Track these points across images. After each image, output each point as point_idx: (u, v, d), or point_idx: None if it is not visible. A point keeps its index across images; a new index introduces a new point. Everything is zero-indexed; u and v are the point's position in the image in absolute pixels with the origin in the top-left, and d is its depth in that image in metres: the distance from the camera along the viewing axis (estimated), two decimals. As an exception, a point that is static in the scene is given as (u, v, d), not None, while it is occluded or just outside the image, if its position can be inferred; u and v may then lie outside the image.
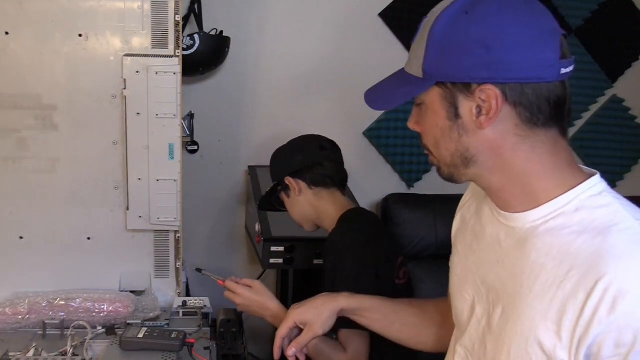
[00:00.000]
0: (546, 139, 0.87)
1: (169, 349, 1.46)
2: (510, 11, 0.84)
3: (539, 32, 0.84)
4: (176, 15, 1.65)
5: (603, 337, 0.78)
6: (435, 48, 0.86)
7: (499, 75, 0.83)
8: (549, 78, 0.84)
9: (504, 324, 0.91)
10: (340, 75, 2.42)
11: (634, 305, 0.76)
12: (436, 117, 0.90)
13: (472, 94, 0.86)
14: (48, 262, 1.73)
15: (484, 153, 0.89)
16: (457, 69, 0.85)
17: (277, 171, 1.68)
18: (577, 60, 0.88)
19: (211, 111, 2.37)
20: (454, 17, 0.85)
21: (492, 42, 0.82)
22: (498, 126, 0.86)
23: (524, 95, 0.84)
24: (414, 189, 2.57)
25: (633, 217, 0.84)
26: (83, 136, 1.68)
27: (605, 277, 0.78)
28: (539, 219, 0.88)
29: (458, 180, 0.95)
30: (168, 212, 1.72)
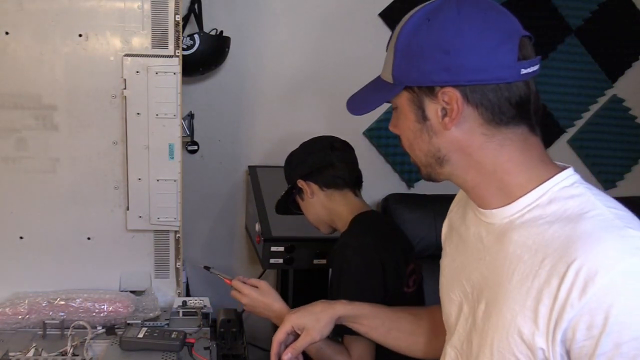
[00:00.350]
0: (514, 136, 0.91)
1: (169, 349, 1.46)
2: (469, 16, 0.88)
3: (496, 36, 0.88)
4: (176, 15, 1.65)
5: (576, 321, 0.80)
6: (402, 54, 0.92)
7: (460, 78, 0.88)
8: (509, 79, 0.88)
9: (487, 317, 0.93)
10: (340, 75, 2.42)
11: (604, 288, 0.78)
12: (407, 121, 0.96)
13: (435, 97, 0.90)
14: (48, 262, 1.73)
15: (454, 152, 0.93)
16: (421, 73, 0.90)
17: (290, 174, 1.66)
18: (577, 60, 0.90)
19: (211, 111, 2.37)
20: (417, 24, 0.91)
21: (451, 47, 0.87)
22: (463, 126, 0.91)
23: (485, 97, 0.88)
24: (414, 189, 2.57)
25: (604, 205, 0.86)
26: (83, 136, 1.68)
27: (576, 261, 0.80)
28: (515, 213, 0.92)
29: (436, 179, 0.99)
30: (168, 212, 1.72)
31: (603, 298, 0.78)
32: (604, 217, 0.84)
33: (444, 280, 1.11)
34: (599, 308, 0.78)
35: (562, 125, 2.65)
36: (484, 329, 0.93)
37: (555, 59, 2.57)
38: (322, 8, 2.39)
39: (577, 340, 0.80)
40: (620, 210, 0.86)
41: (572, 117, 2.66)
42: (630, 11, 2.61)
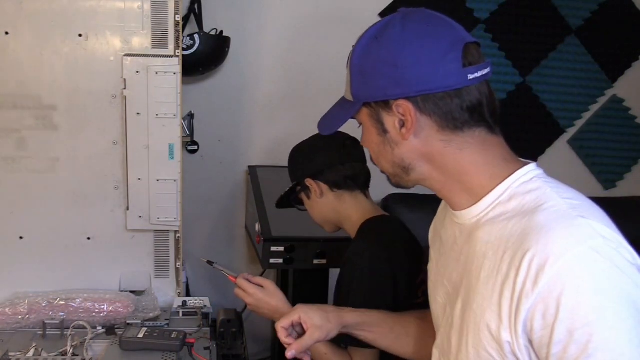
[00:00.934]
0: (472, 140, 0.95)
1: (169, 349, 1.46)
2: (412, 31, 0.93)
3: (439, 46, 0.92)
4: (176, 15, 1.65)
5: (533, 311, 0.82)
6: (356, 73, 0.98)
7: (410, 90, 0.92)
8: (456, 85, 0.92)
9: (462, 315, 0.96)
10: (340, 75, 2.39)
11: (554, 276, 0.80)
12: (370, 135, 1.00)
13: (391, 110, 0.95)
14: (48, 262, 1.73)
15: (417, 160, 0.97)
16: (375, 89, 0.95)
17: (297, 171, 1.57)
18: (577, 60, 0.91)
19: (211, 111, 2.37)
20: (367, 44, 0.97)
21: (398, 61, 0.92)
22: (421, 135, 0.95)
23: (436, 105, 0.92)
24: (414, 189, 2.57)
25: (559, 196, 0.88)
26: (83, 136, 1.68)
27: (528, 252, 0.83)
28: (480, 212, 0.95)
29: (405, 186, 1.04)
30: (168, 212, 1.72)
31: (554, 286, 0.80)
32: (557, 208, 0.86)
33: (430, 284, 1.14)
34: (551, 296, 0.80)
35: (562, 125, 2.65)
36: (461, 326, 0.96)
37: (555, 59, 2.57)
38: (322, 8, 2.39)
39: (535, 330, 0.82)
40: (576, 200, 0.89)
41: (572, 117, 2.66)
42: (630, 11, 2.61)
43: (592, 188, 2.64)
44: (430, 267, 1.15)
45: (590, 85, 2.65)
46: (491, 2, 2.49)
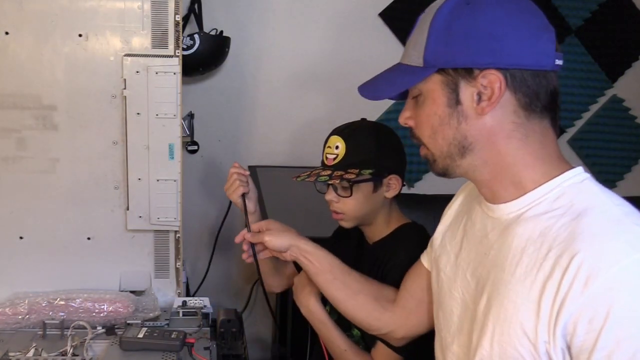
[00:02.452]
0: (538, 128, 0.91)
1: (169, 349, 1.46)
2: (509, 3, 0.89)
3: (536, 24, 0.89)
4: (176, 15, 1.65)
5: (578, 315, 0.80)
6: (438, 37, 0.90)
7: (502, 61, 0.87)
8: (547, 67, 0.89)
9: (487, 311, 0.93)
10: (340, 75, 2.42)
11: (607, 283, 0.78)
12: (435, 105, 0.93)
13: (474, 79, 0.89)
14: (48, 262, 1.73)
15: (480, 141, 0.92)
16: (460, 55, 0.89)
17: (384, 161, 1.46)
18: (577, 60, 0.91)
19: (211, 111, 2.37)
20: (455, 7, 0.89)
21: (495, 30, 0.87)
22: (497, 112, 0.90)
23: (524, 82, 0.88)
24: (414, 189, 2.57)
25: (611, 202, 0.87)
26: (83, 136, 1.68)
27: (578, 254, 0.81)
28: (522, 207, 0.92)
29: (452, 172, 0.97)
30: (168, 212, 1.72)
31: (606, 293, 0.78)
32: (610, 214, 0.84)
33: (444, 278, 1.10)
34: (602, 303, 0.78)
35: (562, 125, 2.65)
36: (484, 322, 0.93)
37: (555, 59, 2.58)
38: (322, 8, 2.39)
39: (577, 334, 0.80)
40: (627, 207, 0.87)
41: (572, 117, 2.66)
42: (630, 11, 2.61)
43: (592, 188, 2.64)
44: (444, 260, 1.11)
45: (590, 85, 2.65)
46: (491, 2, 2.49)
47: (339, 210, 1.48)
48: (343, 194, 1.46)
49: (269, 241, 1.34)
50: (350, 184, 1.43)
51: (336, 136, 1.48)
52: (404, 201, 2.50)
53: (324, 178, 1.43)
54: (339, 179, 1.42)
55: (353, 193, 1.44)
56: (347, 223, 1.50)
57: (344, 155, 1.44)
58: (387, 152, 1.48)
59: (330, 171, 1.44)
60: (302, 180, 1.47)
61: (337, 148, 1.46)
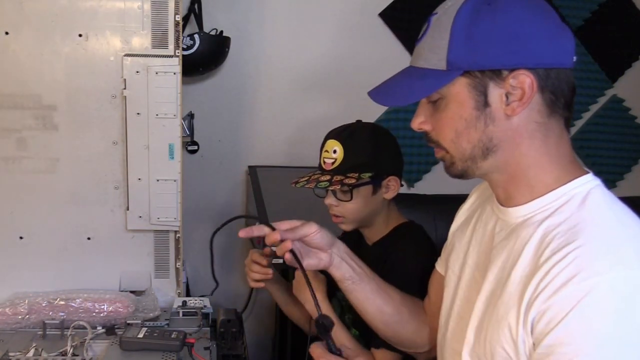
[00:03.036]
0: (556, 128, 0.92)
1: (169, 349, 1.46)
2: (529, 3, 0.89)
3: (556, 22, 0.90)
4: (176, 15, 1.65)
5: (542, 313, 0.82)
6: (461, 39, 0.88)
7: (529, 61, 0.87)
8: (568, 64, 0.90)
9: (485, 309, 0.94)
10: (340, 75, 2.42)
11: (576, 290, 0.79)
12: (461, 109, 0.91)
13: (503, 81, 0.88)
14: (48, 262, 1.73)
15: (505, 142, 0.91)
16: (487, 56, 0.88)
17: (383, 163, 1.46)
18: (577, 60, 0.91)
19: (211, 111, 2.37)
20: (477, 8, 0.88)
21: (519, 30, 0.87)
22: (524, 112, 0.89)
23: (549, 80, 0.88)
24: (414, 189, 2.57)
25: (614, 215, 0.87)
26: (83, 136, 1.68)
27: (563, 260, 0.82)
28: (531, 212, 0.92)
29: (471, 174, 0.96)
30: (168, 212, 1.72)
31: (569, 299, 0.79)
32: (608, 227, 0.85)
33: (452, 275, 1.10)
34: (562, 307, 0.80)
35: (562, 125, 2.65)
36: (480, 320, 0.95)
37: (555, 59, 2.58)
38: (322, 8, 2.39)
39: (536, 332, 0.83)
40: (629, 221, 0.87)
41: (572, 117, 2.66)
42: (630, 11, 2.61)
43: (592, 188, 2.64)
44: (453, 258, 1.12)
45: (590, 85, 2.65)
46: (491, 2, 2.49)
47: (339, 214, 1.48)
48: (343, 198, 1.45)
49: (315, 232, 1.13)
50: (350, 188, 1.42)
51: (333, 140, 1.47)
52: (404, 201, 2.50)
53: (324, 184, 1.42)
54: (339, 184, 1.41)
55: (353, 197, 1.44)
56: (347, 226, 1.50)
57: (342, 160, 1.44)
58: (385, 154, 1.48)
59: (330, 176, 1.43)
60: (301, 186, 1.46)
61: (334, 152, 1.45)
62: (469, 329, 0.97)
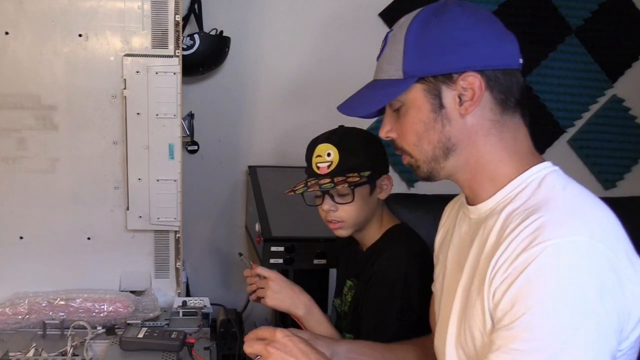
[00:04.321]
0: (512, 124, 0.98)
1: (169, 349, 1.46)
2: (473, 12, 0.97)
3: (500, 28, 0.98)
4: (176, 15, 1.65)
5: (502, 281, 0.86)
6: (414, 49, 0.97)
7: (476, 64, 0.95)
8: (514, 65, 0.97)
9: (464, 305, 0.97)
10: (340, 75, 2.42)
11: (530, 255, 0.84)
12: (420, 113, 0.99)
13: (454, 83, 0.96)
14: (48, 262, 1.73)
15: (462, 141, 0.98)
16: (438, 63, 0.96)
17: (376, 162, 1.45)
18: (577, 60, 0.93)
19: (211, 111, 2.37)
20: (426, 20, 0.97)
21: (465, 36, 0.95)
22: (477, 111, 0.96)
23: (498, 80, 0.96)
24: (414, 189, 2.57)
25: (566, 196, 0.92)
26: (83, 136, 1.68)
27: (521, 233, 0.87)
28: (495, 203, 0.98)
29: (436, 175, 1.02)
30: (168, 212, 1.72)
31: (523, 263, 0.84)
32: (560, 206, 0.89)
33: (439, 287, 1.13)
34: (515, 273, 0.84)
35: (562, 125, 2.65)
36: (460, 311, 0.98)
37: (555, 59, 2.57)
38: (322, 8, 2.39)
39: (496, 295, 0.87)
40: (583, 199, 0.92)
41: (572, 117, 2.66)
42: (630, 11, 2.61)
43: (592, 188, 2.59)
44: (438, 272, 1.15)
45: (590, 85, 2.64)
46: (491, 2, 2.49)
47: (338, 219, 1.45)
48: (343, 201, 1.43)
49: None
50: (353, 188, 1.41)
51: (325, 144, 1.45)
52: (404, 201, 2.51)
53: (328, 186, 1.40)
54: (346, 184, 1.39)
55: (355, 198, 1.42)
56: (346, 231, 1.47)
57: (339, 162, 1.42)
58: (377, 153, 1.48)
59: (329, 178, 1.41)
60: (302, 192, 1.44)
61: (329, 155, 1.43)
62: (450, 322, 1.00)
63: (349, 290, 1.54)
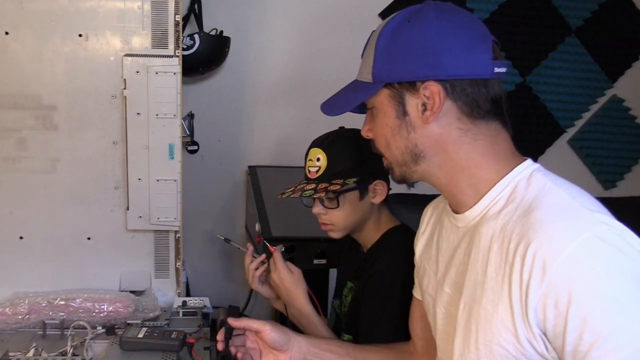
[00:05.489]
0: (487, 131, 0.97)
1: (169, 349, 1.46)
2: (447, 19, 0.95)
3: (472, 36, 0.95)
4: (176, 15, 1.65)
5: (544, 301, 0.83)
6: (383, 53, 0.97)
7: (440, 73, 0.93)
8: (485, 75, 0.95)
9: (468, 315, 0.95)
10: (340, 75, 2.39)
11: (563, 265, 0.81)
12: (386, 118, 0.99)
13: (417, 92, 0.95)
14: (48, 262, 1.73)
15: (431, 148, 0.97)
16: (403, 70, 0.95)
17: (367, 167, 1.43)
18: (577, 60, 0.92)
19: (211, 111, 2.37)
20: (397, 26, 0.97)
21: (432, 45, 0.93)
22: (442, 120, 0.95)
23: (464, 91, 0.94)
24: (414, 189, 2.56)
25: (559, 189, 0.91)
26: (83, 136, 1.68)
27: (531, 244, 0.84)
28: (484, 208, 0.96)
29: (410, 178, 1.03)
30: (168, 212, 1.72)
31: (563, 276, 0.82)
32: (558, 199, 0.88)
33: (429, 298, 1.12)
34: (561, 286, 0.82)
35: (562, 125, 2.65)
36: (466, 326, 0.95)
37: (555, 59, 2.57)
38: (322, 8, 2.39)
39: (548, 319, 0.83)
40: (576, 192, 0.91)
41: (572, 117, 2.66)
42: (630, 11, 2.61)
43: (592, 188, 2.64)
44: (425, 281, 1.14)
45: (590, 85, 2.65)
46: (491, 2, 2.49)
47: (327, 222, 1.47)
48: (330, 206, 1.45)
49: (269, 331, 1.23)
50: (336, 195, 1.42)
51: (316, 148, 1.47)
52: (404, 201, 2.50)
53: (309, 192, 1.42)
54: (324, 192, 1.40)
55: (340, 204, 1.43)
56: (337, 233, 1.48)
57: (326, 167, 1.44)
58: (370, 158, 1.44)
59: (315, 184, 1.43)
60: (287, 197, 1.46)
61: (318, 160, 1.45)
62: (456, 340, 0.98)
63: (349, 291, 1.54)
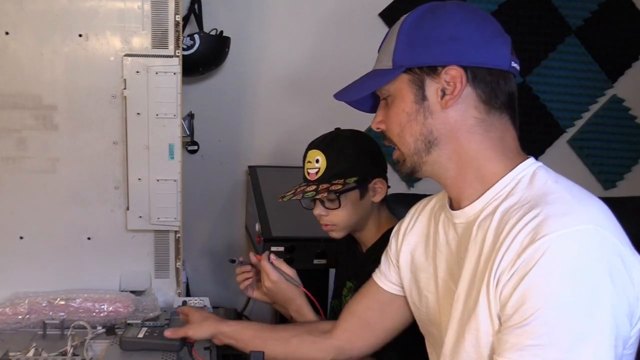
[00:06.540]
0: (499, 124, 0.99)
1: (169, 349, 1.46)
2: (469, 12, 1.00)
3: (493, 28, 0.99)
4: (176, 15, 1.65)
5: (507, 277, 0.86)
6: (405, 40, 1.00)
7: (462, 60, 0.96)
8: (503, 66, 0.97)
9: (466, 311, 0.96)
10: (340, 75, 2.40)
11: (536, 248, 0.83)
12: (403, 103, 1.00)
13: (438, 76, 0.97)
14: (48, 262, 1.73)
15: (445, 135, 0.99)
16: (425, 55, 0.98)
17: (366, 166, 1.45)
18: (577, 60, 0.93)
19: (211, 111, 2.37)
20: (421, 16, 1.00)
21: (455, 32, 0.97)
22: (459, 107, 0.97)
23: (483, 79, 0.97)
24: (414, 189, 2.57)
25: (560, 187, 0.92)
26: (83, 136, 1.68)
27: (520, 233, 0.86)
28: (485, 203, 0.97)
29: (419, 170, 1.03)
30: (168, 212, 1.72)
31: (530, 258, 0.84)
32: (558, 196, 0.90)
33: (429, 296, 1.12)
34: (525, 267, 0.84)
35: (562, 125, 2.65)
36: (461, 318, 0.96)
37: (555, 59, 2.57)
38: (322, 8, 2.39)
39: (504, 295, 0.86)
40: (576, 190, 0.93)
41: (572, 117, 2.66)
42: (630, 11, 2.61)
43: (592, 188, 2.62)
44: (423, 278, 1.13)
45: (590, 85, 2.65)
46: (491, 2, 2.49)
47: (329, 223, 1.48)
48: (331, 206, 1.46)
49: (193, 335, 1.38)
50: (338, 195, 1.43)
51: (314, 150, 1.47)
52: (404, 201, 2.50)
53: (310, 194, 1.43)
54: (326, 192, 1.41)
55: (341, 204, 1.44)
56: (339, 233, 1.49)
57: (325, 168, 1.44)
58: (367, 157, 1.48)
59: (315, 186, 1.43)
60: (288, 200, 1.47)
61: (317, 162, 1.46)
62: (450, 327, 0.99)
63: (348, 291, 1.54)
